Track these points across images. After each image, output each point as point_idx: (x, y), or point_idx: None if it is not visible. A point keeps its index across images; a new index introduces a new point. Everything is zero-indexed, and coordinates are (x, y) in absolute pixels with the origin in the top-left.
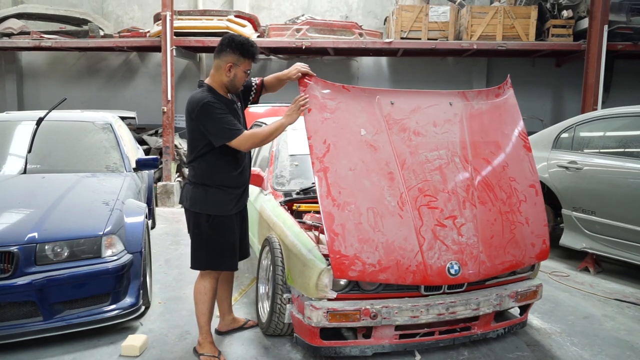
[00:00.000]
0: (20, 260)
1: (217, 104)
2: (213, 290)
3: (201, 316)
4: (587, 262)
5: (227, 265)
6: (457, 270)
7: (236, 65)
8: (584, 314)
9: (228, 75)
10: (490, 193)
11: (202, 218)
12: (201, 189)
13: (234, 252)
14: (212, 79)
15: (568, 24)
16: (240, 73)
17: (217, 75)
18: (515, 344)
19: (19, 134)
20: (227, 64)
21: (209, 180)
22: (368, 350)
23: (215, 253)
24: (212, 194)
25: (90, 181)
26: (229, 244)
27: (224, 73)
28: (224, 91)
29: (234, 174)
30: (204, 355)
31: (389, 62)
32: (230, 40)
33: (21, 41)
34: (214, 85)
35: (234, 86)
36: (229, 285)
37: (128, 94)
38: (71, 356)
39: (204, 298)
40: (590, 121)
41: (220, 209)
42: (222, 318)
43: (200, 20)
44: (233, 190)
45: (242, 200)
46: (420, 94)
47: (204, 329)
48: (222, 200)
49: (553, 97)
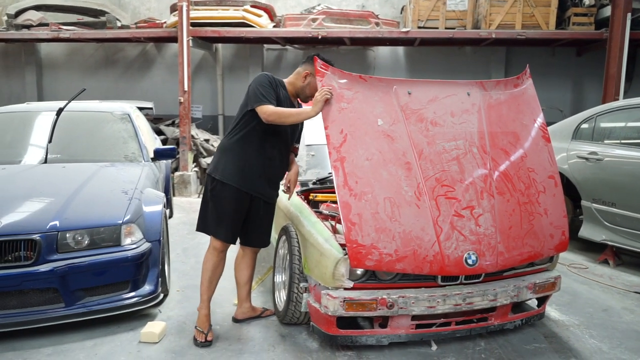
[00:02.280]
0: (42, 248)
1: (272, 81)
2: (212, 262)
3: (201, 285)
4: (607, 254)
5: (219, 234)
6: (474, 261)
7: (312, 75)
8: (603, 306)
9: (303, 81)
10: (509, 184)
11: (208, 180)
12: (218, 154)
13: (229, 224)
14: (289, 80)
15: (590, 12)
16: (314, 83)
17: (294, 78)
18: (533, 335)
19: (39, 125)
20: (306, 71)
21: (226, 148)
22: (384, 340)
23: (210, 218)
24: (223, 161)
25: (109, 171)
26: (224, 214)
27: (300, 78)
28: (292, 91)
29: (250, 151)
30: (196, 329)
31: (406, 51)
32: (316, 54)
33: (40, 33)
34: (288, 86)
35: (304, 93)
36: (247, 271)
37: (145, 84)
38: (92, 342)
39: (204, 267)
40: (611, 111)
41: (224, 176)
42: (240, 305)
43: (216, 11)
44: (244, 167)
45: (249, 180)
46: (438, 84)
47: (201, 297)
48: (230, 170)
49: (573, 87)
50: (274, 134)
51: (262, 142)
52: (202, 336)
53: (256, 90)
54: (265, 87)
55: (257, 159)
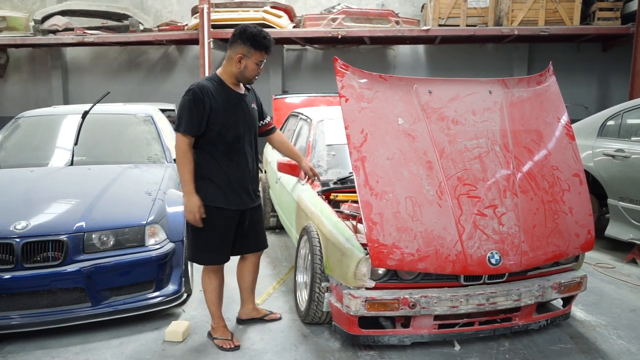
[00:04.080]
0: (69, 249)
1: (198, 96)
2: (216, 282)
3: (210, 304)
4: (634, 253)
5: (210, 260)
6: (497, 260)
7: (247, 56)
8: (631, 306)
9: (238, 66)
10: (532, 182)
11: None
12: (195, 179)
13: (220, 248)
14: (222, 69)
15: (615, 6)
16: (252, 65)
17: (227, 65)
18: (558, 336)
19: (65, 128)
20: (238, 55)
21: (202, 172)
22: (406, 340)
23: (199, 246)
24: (203, 184)
25: (133, 172)
26: (214, 237)
27: (234, 64)
28: (232, 82)
29: (222, 168)
30: (218, 339)
31: (427, 50)
32: (242, 31)
33: (66, 37)
34: (224, 76)
35: (244, 77)
36: (251, 276)
37: (167, 86)
38: (118, 341)
39: (209, 288)
40: (638, 108)
41: (207, 198)
42: (242, 306)
43: (236, 12)
44: (219, 184)
45: (235, 197)
46: (459, 82)
47: (215, 315)
48: (210, 191)
49: (599, 83)
50: (237, 141)
51: (229, 155)
52: (229, 343)
53: (178, 113)
54: (186, 110)
55: (232, 174)
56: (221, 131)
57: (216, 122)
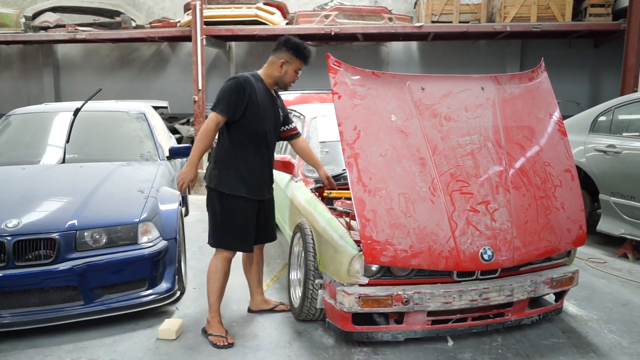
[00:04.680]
0: (61, 247)
1: (238, 84)
2: (224, 271)
3: (211, 294)
4: (626, 248)
5: (236, 246)
6: (490, 256)
7: (288, 63)
8: (623, 301)
9: (280, 70)
10: (524, 178)
11: (215, 195)
12: (218, 167)
13: (245, 235)
14: (263, 71)
15: (607, 2)
16: (291, 71)
17: (269, 68)
18: (551, 330)
19: (57, 125)
20: (281, 60)
21: (223, 160)
22: (400, 336)
23: (225, 232)
24: (225, 173)
25: (126, 170)
26: (238, 226)
27: (276, 68)
28: (270, 84)
29: (249, 158)
30: (212, 335)
31: (420, 46)
32: (286, 40)
33: (57, 34)
34: (263, 76)
35: (283, 82)
36: (257, 266)
37: (160, 83)
38: (111, 339)
39: (214, 277)
40: (629, 103)
41: (231, 188)
42: (252, 297)
43: (229, 9)
44: (244, 174)
45: (256, 188)
46: (452, 79)
47: (212, 307)
48: (234, 181)
49: (590, 79)
50: (266, 135)
51: (259, 146)
52: (223, 340)
53: (218, 95)
54: (231, 91)
55: (258, 165)
56: (255, 122)
57: (252, 113)
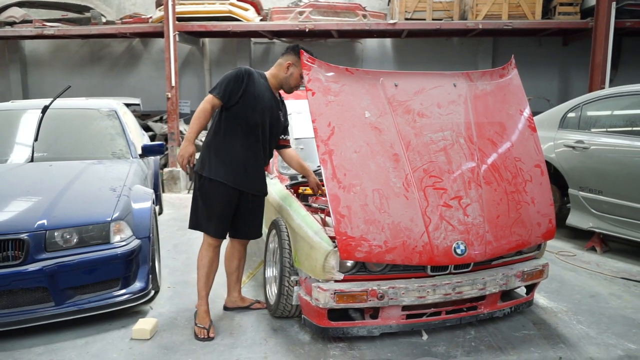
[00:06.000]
0: (30, 247)
1: (241, 75)
2: (208, 257)
3: (198, 281)
4: (594, 241)
5: (208, 229)
6: (463, 250)
7: (294, 65)
8: (591, 292)
9: (286, 72)
10: (496, 173)
11: (197, 178)
12: (205, 151)
13: (218, 220)
14: (270, 72)
15: (575, 1)
16: (297, 74)
17: (276, 69)
18: (522, 322)
19: (25, 123)
20: (287, 62)
21: (210, 145)
22: (375, 331)
23: (200, 214)
24: (210, 158)
25: (97, 168)
26: (213, 209)
27: (282, 69)
28: (275, 85)
29: (233, 145)
30: (197, 326)
31: (394, 43)
32: (294, 45)
33: (24, 30)
34: (269, 76)
35: (288, 83)
36: (237, 261)
37: (132, 80)
38: (84, 340)
39: (200, 264)
40: (597, 100)
41: (211, 172)
42: (229, 294)
43: (202, 5)
44: (226, 160)
45: (236, 176)
46: (424, 76)
47: (199, 294)
48: (216, 166)
49: (560, 76)
50: (257, 127)
51: (247, 136)
52: (204, 332)
53: (218, 81)
54: (226, 79)
55: (243, 154)
56: (247, 112)
57: (246, 102)
